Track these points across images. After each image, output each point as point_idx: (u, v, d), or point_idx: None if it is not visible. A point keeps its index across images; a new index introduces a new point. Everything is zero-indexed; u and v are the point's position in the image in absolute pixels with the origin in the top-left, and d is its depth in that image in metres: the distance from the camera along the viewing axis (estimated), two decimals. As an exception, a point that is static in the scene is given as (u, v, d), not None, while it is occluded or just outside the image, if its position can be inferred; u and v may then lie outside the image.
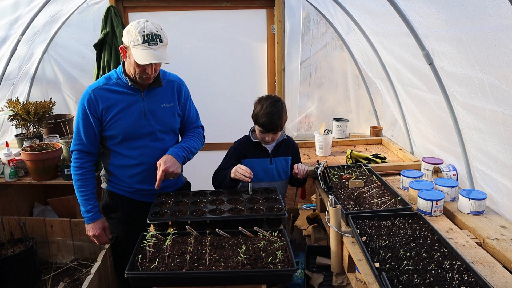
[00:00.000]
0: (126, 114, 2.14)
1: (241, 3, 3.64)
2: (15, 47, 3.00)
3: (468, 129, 2.09)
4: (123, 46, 2.06)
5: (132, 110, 2.15)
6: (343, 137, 3.54)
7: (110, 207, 2.33)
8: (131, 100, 2.16)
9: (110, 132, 2.15)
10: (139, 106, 2.17)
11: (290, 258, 1.63)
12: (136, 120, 2.15)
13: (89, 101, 2.11)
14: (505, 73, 1.60)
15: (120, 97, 2.14)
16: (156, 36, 1.99)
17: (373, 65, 3.20)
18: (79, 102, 2.15)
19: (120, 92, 2.15)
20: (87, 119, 2.13)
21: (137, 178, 2.24)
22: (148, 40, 1.96)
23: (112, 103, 2.13)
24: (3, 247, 2.70)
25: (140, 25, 1.98)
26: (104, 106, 2.12)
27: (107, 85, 2.15)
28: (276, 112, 2.32)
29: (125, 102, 2.15)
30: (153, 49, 1.97)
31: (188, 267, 1.58)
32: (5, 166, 2.78)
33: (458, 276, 1.39)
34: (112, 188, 2.31)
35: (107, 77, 2.19)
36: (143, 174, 2.23)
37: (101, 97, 2.12)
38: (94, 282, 2.20)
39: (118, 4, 3.52)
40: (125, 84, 2.15)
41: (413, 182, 2.18)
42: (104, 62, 3.35)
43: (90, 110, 2.11)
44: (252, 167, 2.44)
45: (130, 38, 1.98)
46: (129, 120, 2.14)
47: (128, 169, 2.23)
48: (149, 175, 2.21)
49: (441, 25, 1.94)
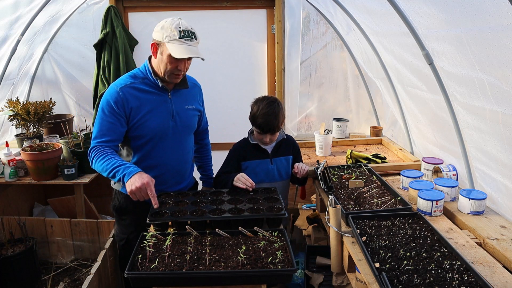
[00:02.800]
0: (155, 114, 2.09)
1: (241, 3, 3.64)
2: (15, 47, 3.00)
3: (468, 129, 2.09)
4: (155, 43, 2.01)
5: (160, 110, 2.11)
6: (343, 137, 3.54)
7: (123, 209, 2.26)
8: (160, 100, 2.11)
9: (138, 132, 2.09)
10: (167, 106, 2.13)
11: (290, 258, 1.63)
12: (164, 121, 2.12)
13: (117, 99, 2.01)
14: (505, 73, 1.60)
15: (148, 97, 2.09)
16: (191, 33, 1.99)
17: (373, 65, 3.20)
18: (104, 100, 2.04)
19: (148, 91, 2.09)
20: (113, 118, 2.02)
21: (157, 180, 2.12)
22: (185, 35, 1.95)
23: (141, 102, 2.07)
24: (3, 247, 2.70)
25: (175, 22, 1.97)
26: (134, 105, 2.05)
27: (134, 84, 2.08)
28: (272, 113, 2.31)
29: (154, 102, 2.10)
30: (189, 44, 1.96)
31: (188, 267, 1.58)
32: (5, 166, 2.78)
33: (458, 276, 1.39)
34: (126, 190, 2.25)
35: (131, 75, 2.12)
36: (164, 175, 2.20)
37: (130, 95, 2.04)
38: (94, 282, 2.20)
39: (118, 4, 3.52)
40: (152, 84, 2.10)
41: (413, 182, 2.18)
42: (104, 62, 3.36)
43: (119, 108, 2.02)
44: (252, 168, 2.45)
45: (166, 33, 1.95)
46: (157, 120, 2.10)
47: (150, 170, 2.10)
48: (170, 177, 2.22)
49: (441, 25, 1.94)
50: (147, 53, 3.75)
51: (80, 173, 2.89)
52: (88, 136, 3.10)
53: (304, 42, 3.71)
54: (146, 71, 2.11)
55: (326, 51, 3.76)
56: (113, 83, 2.11)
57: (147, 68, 2.11)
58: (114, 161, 1.97)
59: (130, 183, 1.89)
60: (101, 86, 3.38)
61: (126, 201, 2.22)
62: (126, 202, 2.23)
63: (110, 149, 2.03)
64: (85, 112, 3.79)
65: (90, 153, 2.05)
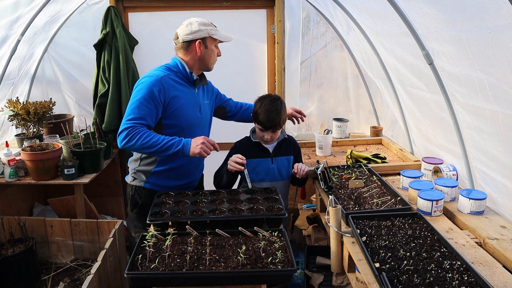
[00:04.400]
0: (188, 105, 2.28)
1: (241, 3, 3.64)
2: (15, 47, 3.00)
3: (468, 129, 2.09)
4: (199, 41, 2.22)
5: (191, 102, 2.31)
6: (343, 137, 3.54)
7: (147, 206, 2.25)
8: (190, 93, 2.32)
9: (172, 121, 2.23)
10: (196, 100, 2.34)
11: (290, 258, 1.63)
12: (194, 112, 2.31)
13: (159, 86, 2.15)
14: (505, 73, 1.60)
15: (183, 89, 2.28)
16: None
17: (373, 65, 3.20)
18: (145, 86, 2.14)
19: (181, 84, 2.28)
20: (152, 104, 2.14)
21: (181, 170, 2.35)
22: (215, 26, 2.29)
23: (178, 93, 2.24)
24: (3, 247, 2.70)
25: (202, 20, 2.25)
26: (173, 95, 2.21)
27: (171, 76, 2.25)
28: (274, 109, 2.34)
29: (187, 94, 2.29)
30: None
31: (188, 267, 1.58)
32: (5, 166, 2.78)
33: (458, 276, 1.39)
34: (151, 186, 2.35)
35: (166, 68, 2.28)
36: (188, 165, 2.37)
37: (170, 86, 2.21)
38: (94, 282, 2.19)
39: (118, 4, 3.52)
40: (184, 77, 2.29)
41: (413, 182, 2.18)
42: (104, 62, 3.35)
43: (160, 96, 2.15)
44: (253, 167, 2.45)
45: (206, 28, 2.22)
46: (189, 111, 2.28)
47: (178, 161, 2.30)
48: (193, 167, 2.41)
49: (441, 25, 1.94)
50: (147, 53, 3.78)
51: (80, 173, 2.89)
52: (88, 136, 3.10)
53: (304, 42, 3.71)
54: (178, 66, 2.29)
55: (326, 51, 3.76)
56: (152, 72, 2.24)
57: (179, 63, 2.29)
58: (163, 137, 2.10)
59: (193, 147, 2.08)
60: (101, 86, 3.38)
61: (150, 197, 2.26)
62: (150, 198, 2.24)
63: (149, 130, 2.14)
64: (85, 112, 3.79)
65: (129, 131, 2.09)
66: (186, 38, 2.23)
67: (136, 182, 2.37)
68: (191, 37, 2.22)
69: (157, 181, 2.34)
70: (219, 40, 2.28)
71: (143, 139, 2.06)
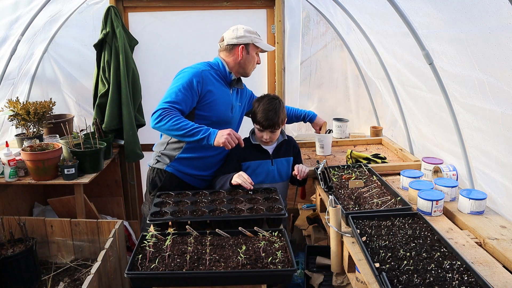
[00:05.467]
0: (222, 102, 2.40)
1: (241, 3, 3.64)
2: (15, 47, 3.00)
3: (468, 129, 2.09)
4: (243, 45, 2.38)
5: (225, 100, 2.42)
6: (343, 137, 3.53)
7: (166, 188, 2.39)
8: (226, 92, 2.44)
9: (206, 112, 2.35)
10: (230, 99, 2.46)
11: (290, 258, 1.63)
12: (226, 110, 2.43)
13: (199, 79, 2.28)
14: (505, 73, 1.60)
15: (219, 86, 2.40)
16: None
17: (373, 65, 3.20)
18: (186, 75, 2.28)
19: (219, 81, 2.42)
20: (189, 93, 2.26)
21: (205, 161, 2.45)
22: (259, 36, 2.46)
23: (214, 88, 2.36)
24: (3, 247, 2.70)
25: (246, 26, 2.41)
26: (210, 88, 2.33)
27: (211, 72, 2.38)
28: (272, 108, 2.34)
29: (222, 91, 2.42)
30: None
31: (188, 267, 1.58)
32: (5, 166, 2.78)
33: (458, 276, 1.39)
34: (173, 170, 2.44)
35: (207, 64, 2.42)
36: (212, 158, 2.47)
37: (208, 79, 2.34)
38: (94, 282, 2.19)
39: (118, 4, 3.52)
40: (222, 76, 2.43)
41: (413, 182, 2.18)
42: (104, 62, 3.35)
43: (197, 87, 2.28)
44: (253, 169, 2.45)
45: (250, 36, 2.38)
46: (222, 107, 2.40)
47: (203, 150, 2.40)
48: (216, 161, 2.50)
49: (441, 25, 1.94)
50: (147, 53, 3.77)
51: (80, 173, 2.88)
52: (88, 136, 3.10)
53: (304, 42, 3.70)
54: (219, 65, 2.43)
55: (326, 51, 3.76)
56: (195, 65, 2.39)
57: (220, 63, 2.43)
58: (192, 123, 2.19)
59: (218, 137, 2.16)
60: (101, 86, 3.38)
61: (170, 180, 2.43)
62: (170, 182, 2.42)
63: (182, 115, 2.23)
64: (85, 112, 3.79)
65: (162, 111, 2.18)
66: (231, 42, 2.38)
67: (159, 165, 2.47)
68: (235, 41, 2.37)
69: (179, 167, 2.43)
70: (261, 48, 2.42)
71: (173, 121, 2.15)
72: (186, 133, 2.15)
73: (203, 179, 2.51)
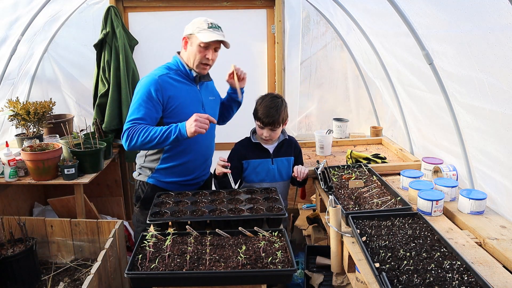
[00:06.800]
0: (188, 103, 2.26)
1: (241, 3, 3.64)
2: (15, 47, 3.00)
3: (468, 129, 2.09)
4: (186, 37, 2.22)
5: (192, 100, 2.29)
6: (343, 137, 3.54)
7: (149, 199, 2.31)
8: (191, 91, 2.30)
9: (172, 119, 2.20)
10: (197, 97, 2.32)
11: (290, 258, 1.63)
12: (196, 110, 2.25)
13: (156, 87, 2.16)
14: (505, 73, 1.60)
15: (182, 87, 2.26)
16: (218, 26, 2.23)
17: (373, 65, 3.20)
18: (143, 87, 2.17)
19: (181, 82, 2.27)
20: (150, 104, 2.15)
21: (185, 167, 2.35)
22: (212, 26, 2.19)
23: (176, 91, 2.23)
24: (3, 247, 2.70)
25: (204, 18, 2.20)
26: (171, 94, 2.20)
27: (169, 74, 2.24)
28: (274, 106, 2.34)
29: (187, 92, 2.27)
30: (217, 32, 2.18)
31: (188, 267, 1.58)
32: (5, 166, 2.78)
33: (458, 276, 1.39)
34: (154, 181, 2.36)
35: (166, 67, 2.28)
36: (194, 162, 2.36)
37: (168, 84, 2.20)
38: (94, 282, 2.19)
39: (118, 4, 3.52)
40: (184, 75, 2.28)
41: (413, 182, 2.18)
42: (104, 62, 3.35)
43: (157, 96, 2.16)
44: (253, 168, 2.46)
45: (195, 26, 2.17)
46: (190, 109, 2.24)
47: (182, 156, 2.31)
48: (199, 164, 2.39)
49: (441, 25, 1.94)
50: (147, 53, 3.78)
51: (80, 173, 2.88)
52: (88, 136, 3.10)
53: (304, 42, 3.71)
54: (178, 64, 2.29)
55: (326, 51, 3.76)
56: (151, 72, 2.25)
57: (178, 61, 2.29)
58: (159, 129, 2.10)
59: (189, 128, 2.06)
60: (101, 86, 3.38)
61: (153, 191, 2.33)
62: (153, 193, 2.32)
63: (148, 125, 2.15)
64: (85, 112, 3.79)
65: (129, 131, 2.12)
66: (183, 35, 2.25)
67: (141, 177, 2.42)
68: (184, 34, 2.25)
69: (160, 177, 2.37)
70: (201, 40, 2.15)
71: (142, 135, 2.08)
72: (159, 140, 2.08)
73: (187, 184, 2.41)
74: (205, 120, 2.08)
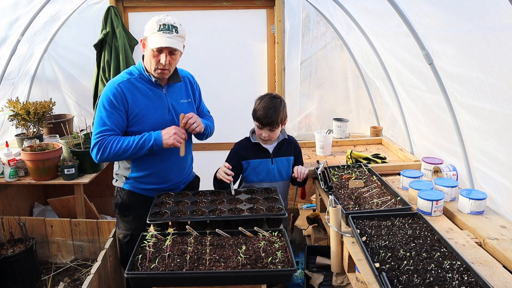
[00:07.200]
0: (151, 109, 2.15)
1: (241, 3, 3.64)
2: (15, 47, 3.00)
3: (468, 129, 2.09)
4: (143, 39, 2.11)
5: (156, 105, 2.17)
6: (343, 137, 3.54)
7: (126, 205, 2.29)
8: (155, 95, 2.18)
9: (137, 127, 2.13)
10: (162, 101, 2.19)
11: (290, 258, 1.63)
12: (161, 115, 2.17)
13: (115, 94, 2.07)
14: (505, 73, 1.60)
15: (144, 92, 2.15)
16: (173, 26, 2.03)
17: (373, 65, 3.20)
18: (104, 96, 2.09)
19: (146, 85, 2.17)
20: (114, 111, 2.07)
21: (159, 175, 2.25)
22: (164, 28, 2.01)
23: (138, 97, 2.13)
24: (3, 247, 2.70)
25: (159, 17, 2.04)
26: (132, 100, 2.11)
27: (130, 80, 2.15)
28: (272, 106, 2.34)
29: (150, 97, 2.16)
30: (167, 36, 2.00)
31: (188, 267, 1.58)
32: (5, 166, 2.78)
33: (458, 276, 1.39)
34: (130, 187, 2.28)
35: (128, 72, 2.19)
36: (167, 169, 2.27)
37: (128, 90, 2.11)
38: (94, 282, 2.19)
39: (118, 4, 3.52)
40: (147, 79, 2.16)
41: (413, 182, 2.18)
42: (104, 62, 3.36)
43: (118, 103, 2.07)
44: (253, 168, 2.45)
45: (148, 28, 2.05)
46: (155, 115, 2.16)
47: (153, 165, 2.22)
48: (173, 171, 2.29)
49: (441, 25, 1.94)
50: (147, 53, 3.75)
51: (80, 173, 2.89)
52: (88, 136, 3.10)
53: (304, 42, 3.71)
54: (140, 68, 2.18)
55: (326, 51, 3.76)
56: (111, 80, 2.19)
57: (140, 65, 2.18)
58: (132, 138, 2.04)
59: (166, 138, 2.03)
60: (101, 86, 3.38)
61: (129, 197, 2.28)
62: (129, 199, 2.28)
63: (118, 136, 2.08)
64: (85, 112, 3.79)
65: (97, 145, 2.06)
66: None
67: (117, 183, 2.35)
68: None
69: (135, 184, 2.29)
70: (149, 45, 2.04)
71: (114, 147, 2.03)
72: (133, 151, 2.03)
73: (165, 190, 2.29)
74: (182, 134, 2.08)
